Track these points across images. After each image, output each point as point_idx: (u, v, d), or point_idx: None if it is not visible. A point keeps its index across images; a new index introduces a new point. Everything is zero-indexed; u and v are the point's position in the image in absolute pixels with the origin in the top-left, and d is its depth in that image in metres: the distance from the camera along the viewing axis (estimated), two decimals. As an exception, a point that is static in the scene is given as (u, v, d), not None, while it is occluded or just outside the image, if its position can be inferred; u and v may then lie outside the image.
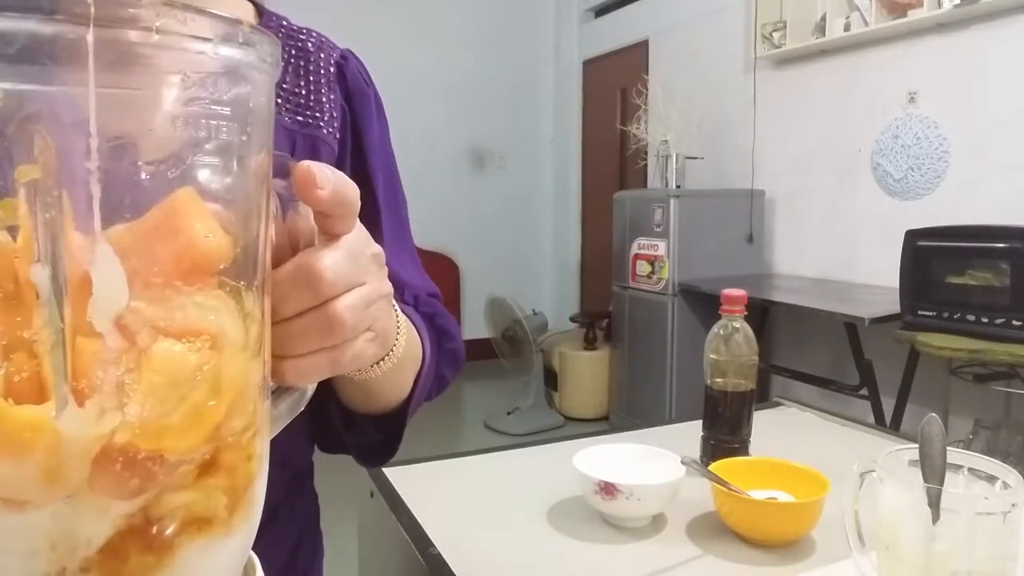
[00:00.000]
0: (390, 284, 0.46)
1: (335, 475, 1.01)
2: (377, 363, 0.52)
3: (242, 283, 0.32)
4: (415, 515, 0.95)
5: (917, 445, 0.72)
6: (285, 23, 0.74)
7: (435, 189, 5.51)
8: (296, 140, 0.68)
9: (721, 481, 0.92)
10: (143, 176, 0.27)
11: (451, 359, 0.76)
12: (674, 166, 3.92)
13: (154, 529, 0.27)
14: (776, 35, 3.74)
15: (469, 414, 4.69)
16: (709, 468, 0.95)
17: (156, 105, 0.28)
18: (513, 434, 4.19)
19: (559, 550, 0.90)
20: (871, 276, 3.44)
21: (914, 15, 3.05)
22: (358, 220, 0.42)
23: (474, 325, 5.27)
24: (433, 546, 0.86)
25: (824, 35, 3.50)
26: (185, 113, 0.29)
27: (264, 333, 0.33)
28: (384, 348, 0.49)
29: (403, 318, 0.56)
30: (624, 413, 4.12)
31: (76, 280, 0.24)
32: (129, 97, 0.27)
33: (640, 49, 5.07)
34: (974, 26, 2.96)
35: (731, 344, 1.10)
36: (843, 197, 3.62)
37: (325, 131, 0.70)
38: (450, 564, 0.82)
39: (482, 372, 5.08)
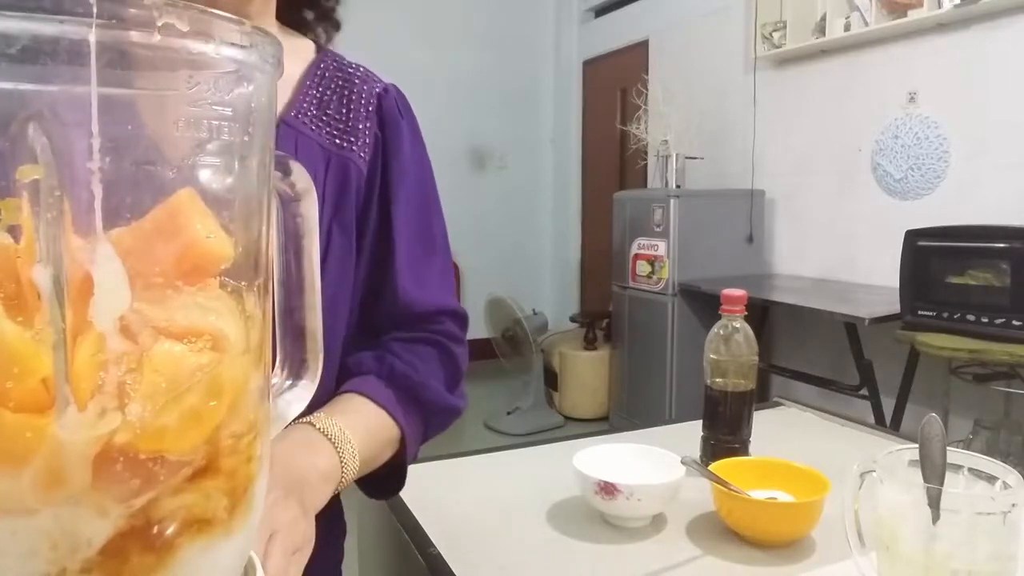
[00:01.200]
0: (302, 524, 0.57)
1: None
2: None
3: (243, 283, 0.32)
4: (415, 515, 0.95)
5: (917, 445, 0.73)
6: (338, 59, 0.83)
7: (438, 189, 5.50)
8: (331, 159, 0.76)
9: (721, 481, 0.92)
10: (144, 176, 0.27)
11: (438, 418, 0.83)
12: (674, 166, 3.92)
13: (155, 530, 0.27)
14: (776, 35, 3.73)
15: (469, 414, 4.67)
16: (709, 468, 0.95)
17: (158, 106, 0.28)
18: (513, 434, 4.19)
19: (559, 550, 0.90)
20: (871, 276, 3.44)
21: (914, 15, 3.05)
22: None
23: (474, 325, 5.23)
24: (433, 546, 0.86)
25: (824, 35, 3.50)
26: (187, 114, 0.29)
27: (265, 335, 0.33)
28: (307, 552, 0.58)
29: (352, 446, 0.68)
30: (624, 413, 4.12)
31: (77, 281, 0.24)
32: (131, 97, 0.27)
33: (640, 49, 5.07)
34: (974, 26, 2.96)
35: (731, 344, 1.10)
36: (843, 197, 3.62)
37: (358, 155, 0.78)
38: (449, 564, 0.82)
39: (482, 372, 5.08)
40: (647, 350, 3.85)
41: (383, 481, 0.80)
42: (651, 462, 1.00)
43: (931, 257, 2.62)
